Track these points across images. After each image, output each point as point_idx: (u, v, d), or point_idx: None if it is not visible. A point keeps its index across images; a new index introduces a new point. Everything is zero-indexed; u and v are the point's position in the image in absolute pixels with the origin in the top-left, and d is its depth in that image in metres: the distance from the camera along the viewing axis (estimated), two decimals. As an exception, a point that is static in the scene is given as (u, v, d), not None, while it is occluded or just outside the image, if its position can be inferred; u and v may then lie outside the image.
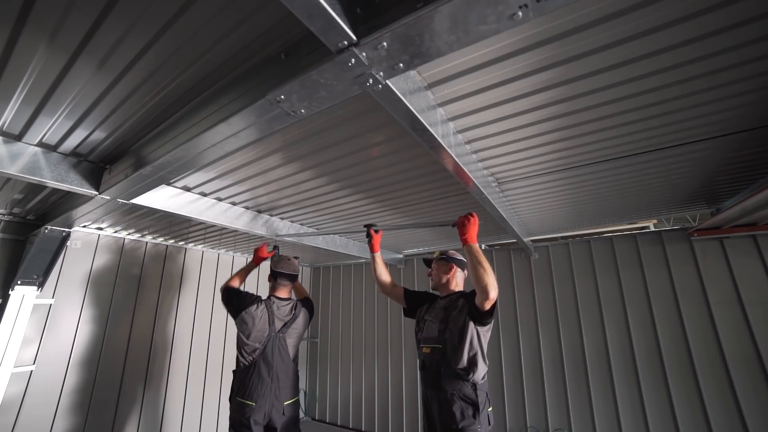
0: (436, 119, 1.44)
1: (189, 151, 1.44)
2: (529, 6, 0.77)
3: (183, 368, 3.93)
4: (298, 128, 1.67)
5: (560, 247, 3.94)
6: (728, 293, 3.10)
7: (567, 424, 3.50)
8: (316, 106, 1.12)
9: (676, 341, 3.21)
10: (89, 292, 3.26)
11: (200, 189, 2.39)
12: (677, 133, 1.73)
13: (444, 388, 1.83)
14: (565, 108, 1.51)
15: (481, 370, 1.82)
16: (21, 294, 2.72)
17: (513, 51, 1.20)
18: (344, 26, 0.82)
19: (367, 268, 5.37)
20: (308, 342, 5.66)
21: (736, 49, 1.18)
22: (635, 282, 3.49)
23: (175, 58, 1.19)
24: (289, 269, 2.60)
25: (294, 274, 2.62)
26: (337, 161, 2.00)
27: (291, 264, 2.63)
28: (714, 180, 2.38)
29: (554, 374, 3.67)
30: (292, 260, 2.65)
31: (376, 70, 0.96)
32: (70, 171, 1.82)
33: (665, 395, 3.17)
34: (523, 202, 2.77)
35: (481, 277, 1.68)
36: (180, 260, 4.08)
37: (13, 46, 1.11)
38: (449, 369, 1.84)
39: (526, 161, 2.02)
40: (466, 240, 1.85)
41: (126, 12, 1.00)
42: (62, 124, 1.55)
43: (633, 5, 1.02)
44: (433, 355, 1.92)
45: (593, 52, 1.20)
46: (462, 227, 1.89)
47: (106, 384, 3.27)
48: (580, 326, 3.64)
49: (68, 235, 2.69)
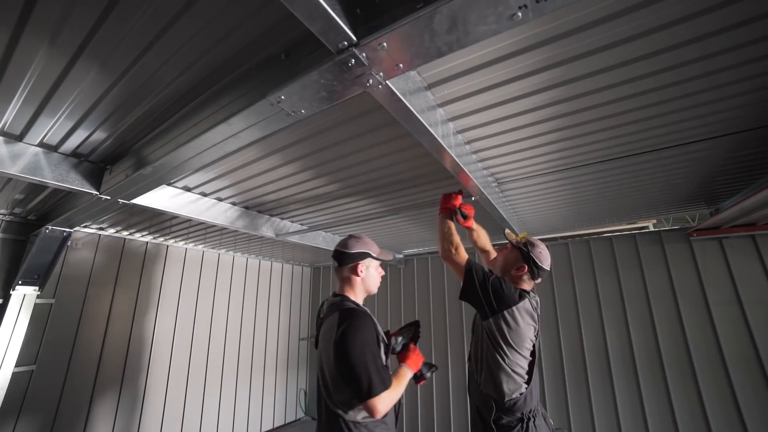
0: (436, 119, 1.44)
1: (189, 152, 1.45)
2: (529, 7, 0.77)
3: (183, 368, 3.93)
4: (298, 128, 1.68)
5: (560, 247, 3.94)
6: (727, 293, 3.10)
7: (567, 424, 3.50)
8: (316, 106, 1.13)
9: (676, 341, 3.22)
10: (90, 292, 3.27)
11: (201, 189, 2.39)
12: (676, 133, 1.73)
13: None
14: (564, 108, 1.52)
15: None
16: (22, 294, 2.73)
17: (512, 51, 1.20)
18: (344, 27, 0.82)
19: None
20: (308, 342, 5.66)
21: (735, 50, 1.18)
22: (635, 282, 3.49)
23: (176, 59, 1.19)
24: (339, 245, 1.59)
25: (334, 249, 1.59)
26: (338, 161, 2.00)
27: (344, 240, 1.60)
28: (713, 180, 2.38)
29: (554, 374, 3.68)
30: (348, 236, 1.62)
31: (376, 70, 0.96)
32: (70, 171, 1.82)
33: (664, 394, 3.17)
34: (523, 202, 2.78)
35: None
36: (180, 260, 4.08)
37: (14, 47, 1.12)
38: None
39: (525, 161, 2.02)
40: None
41: (126, 13, 1.01)
42: (63, 124, 1.55)
43: (632, 6, 1.03)
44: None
45: (592, 53, 1.20)
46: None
47: (107, 384, 3.27)
48: (579, 326, 3.64)
49: (69, 235, 2.69)
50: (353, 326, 1.32)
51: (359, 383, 1.25)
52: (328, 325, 1.39)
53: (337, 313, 1.38)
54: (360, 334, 1.31)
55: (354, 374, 1.25)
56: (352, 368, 1.25)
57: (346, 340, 1.29)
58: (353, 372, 1.25)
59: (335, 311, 1.40)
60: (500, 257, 1.90)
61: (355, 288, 1.54)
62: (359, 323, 1.34)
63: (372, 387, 1.25)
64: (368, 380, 1.25)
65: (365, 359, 1.27)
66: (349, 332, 1.30)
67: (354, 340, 1.29)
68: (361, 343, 1.30)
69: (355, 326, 1.32)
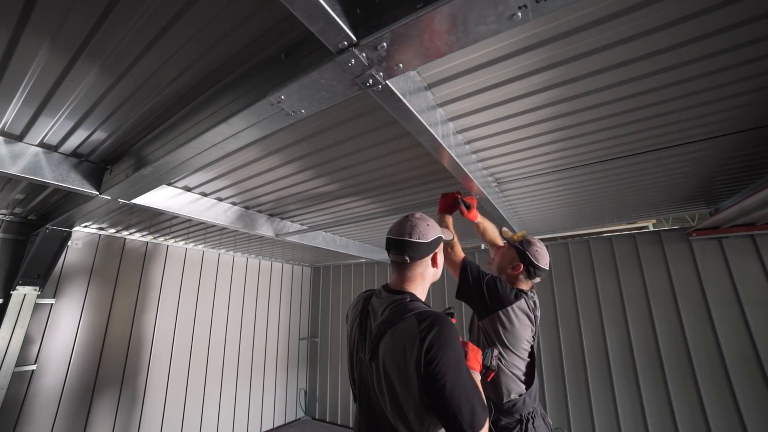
0: (436, 119, 1.44)
1: (189, 152, 1.45)
2: (529, 7, 0.77)
3: (183, 368, 3.93)
4: (298, 128, 1.68)
5: (559, 246, 3.95)
6: (727, 293, 3.10)
7: (566, 424, 3.50)
8: (316, 106, 1.13)
9: (675, 341, 3.22)
10: (90, 292, 3.27)
11: (201, 189, 2.39)
12: (676, 133, 1.73)
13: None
14: (564, 108, 1.52)
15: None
16: (22, 294, 2.73)
17: (512, 51, 1.20)
18: (344, 27, 0.82)
19: (368, 268, 5.37)
20: (308, 342, 5.67)
21: (735, 50, 1.18)
22: (634, 282, 3.49)
23: (176, 59, 1.19)
24: (392, 232, 1.24)
25: (398, 239, 1.19)
26: (338, 161, 2.00)
27: (398, 222, 1.25)
28: (713, 180, 2.38)
29: (554, 374, 3.68)
30: (408, 216, 1.25)
31: (376, 70, 0.96)
32: (71, 171, 1.83)
33: (664, 394, 3.17)
34: (523, 202, 2.78)
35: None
36: (180, 260, 4.08)
37: (15, 47, 1.12)
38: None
39: (525, 161, 2.02)
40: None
41: (126, 13, 1.01)
42: (63, 124, 1.55)
43: (632, 6, 1.03)
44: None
45: (592, 53, 1.21)
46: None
47: (107, 383, 3.27)
48: (579, 326, 3.64)
49: (69, 235, 2.69)
50: (444, 339, 0.98)
51: (460, 416, 0.91)
52: (401, 335, 1.02)
53: (414, 319, 1.03)
54: (453, 349, 0.98)
55: (453, 406, 0.92)
56: (450, 398, 0.93)
57: (437, 360, 0.95)
58: (451, 403, 0.92)
59: (407, 315, 1.05)
60: (497, 256, 1.88)
61: (425, 283, 1.21)
62: (450, 334, 0.99)
63: (476, 418, 0.91)
64: (471, 410, 0.92)
65: (464, 383, 0.95)
66: (441, 348, 0.96)
67: (448, 359, 0.96)
68: (456, 360, 0.98)
69: (447, 339, 0.98)
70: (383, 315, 1.12)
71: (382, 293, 1.21)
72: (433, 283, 1.27)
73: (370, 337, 1.12)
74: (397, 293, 1.17)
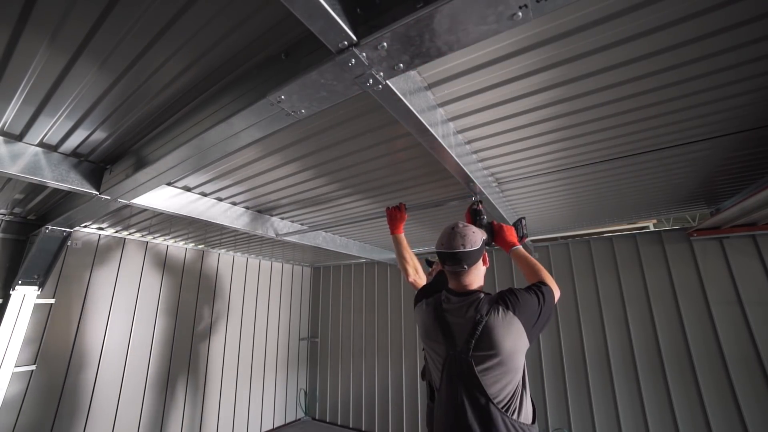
0: (436, 119, 1.44)
1: (189, 152, 1.45)
2: (529, 6, 0.77)
3: (183, 368, 3.93)
4: (298, 128, 1.68)
5: (560, 246, 3.95)
6: (728, 293, 3.10)
7: (567, 424, 3.50)
8: (316, 106, 1.13)
9: (676, 341, 3.22)
10: (90, 292, 3.27)
11: (201, 189, 2.39)
12: (676, 133, 1.73)
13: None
14: (565, 108, 1.52)
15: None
16: (22, 294, 2.73)
17: (513, 51, 1.20)
18: (344, 26, 0.82)
19: (368, 268, 5.37)
20: (308, 342, 5.67)
21: (735, 49, 1.18)
22: (635, 282, 3.49)
23: (176, 59, 1.19)
24: (444, 246, 1.39)
25: (454, 252, 1.35)
26: (338, 161, 2.00)
27: (446, 235, 1.41)
28: (713, 180, 2.38)
29: (554, 374, 3.68)
30: (453, 228, 1.41)
31: (376, 70, 0.96)
32: (70, 171, 1.82)
33: (665, 394, 3.17)
34: (523, 202, 2.77)
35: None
36: (179, 260, 4.08)
37: (14, 46, 1.11)
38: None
39: (526, 161, 2.02)
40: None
41: (126, 12, 1.01)
42: (63, 124, 1.55)
43: (632, 6, 1.03)
44: None
45: (593, 53, 1.20)
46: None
47: (107, 384, 3.27)
48: (579, 326, 3.64)
49: (69, 235, 2.69)
50: (517, 292, 1.34)
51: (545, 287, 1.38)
52: (500, 317, 1.27)
53: (498, 299, 1.32)
54: (523, 292, 1.35)
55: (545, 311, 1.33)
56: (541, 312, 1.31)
57: (520, 295, 1.32)
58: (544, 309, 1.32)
59: (492, 307, 1.30)
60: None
61: (480, 277, 1.45)
62: (512, 289, 1.36)
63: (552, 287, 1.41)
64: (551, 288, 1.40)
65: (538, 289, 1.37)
66: (521, 300, 1.31)
67: (527, 297, 1.33)
68: (529, 294, 1.35)
69: (518, 291, 1.35)
70: (472, 312, 1.32)
71: (452, 299, 1.42)
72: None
73: (461, 334, 1.32)
74: (468, 294, 1.38)
